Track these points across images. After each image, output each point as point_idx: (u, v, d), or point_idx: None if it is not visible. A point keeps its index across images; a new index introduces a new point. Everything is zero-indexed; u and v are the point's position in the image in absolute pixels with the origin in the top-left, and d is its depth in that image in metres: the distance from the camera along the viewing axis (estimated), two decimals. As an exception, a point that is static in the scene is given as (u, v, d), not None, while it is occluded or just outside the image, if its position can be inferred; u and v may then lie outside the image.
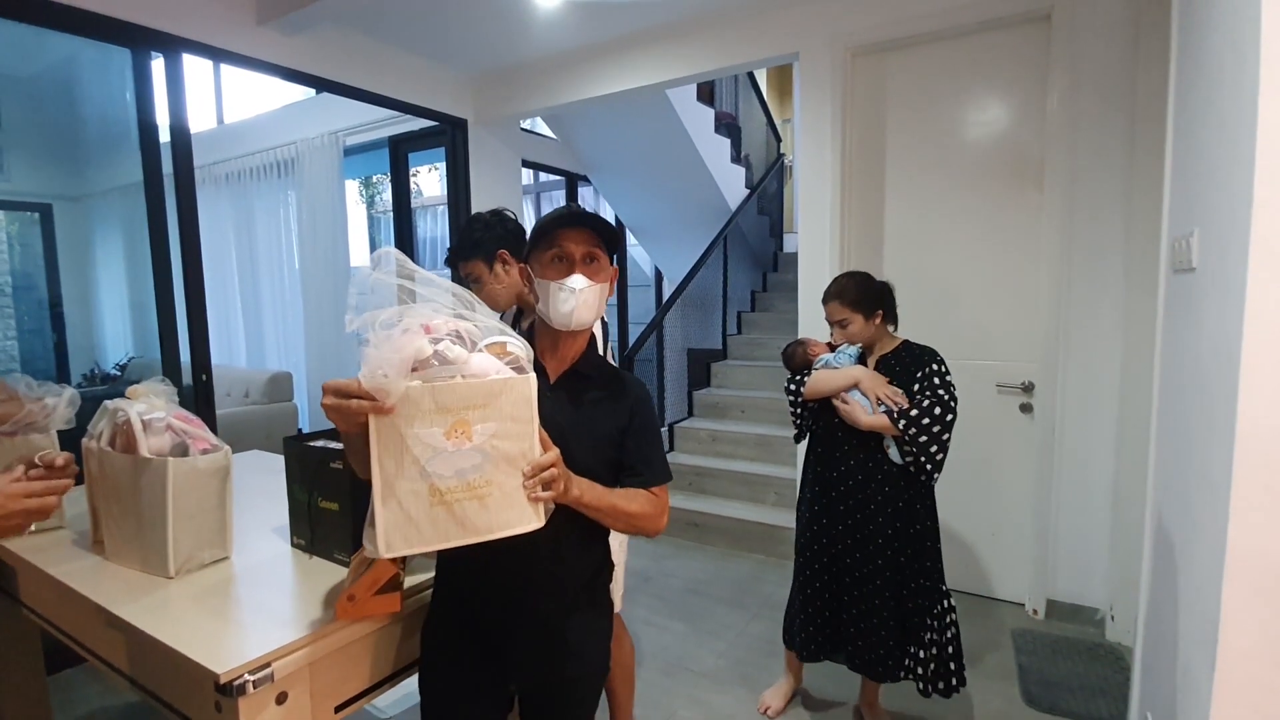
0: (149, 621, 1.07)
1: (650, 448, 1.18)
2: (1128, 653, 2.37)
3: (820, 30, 2.83)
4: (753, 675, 2.31)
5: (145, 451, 1.23)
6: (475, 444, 0.88)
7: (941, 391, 1.77)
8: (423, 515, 0.87)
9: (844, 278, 1.92)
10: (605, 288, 1.16)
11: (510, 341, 0.96)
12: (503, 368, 0.92)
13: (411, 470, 0.86)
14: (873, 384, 1.82)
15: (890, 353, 1.91)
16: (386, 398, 0.83)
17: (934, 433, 1.74)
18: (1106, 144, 2.40)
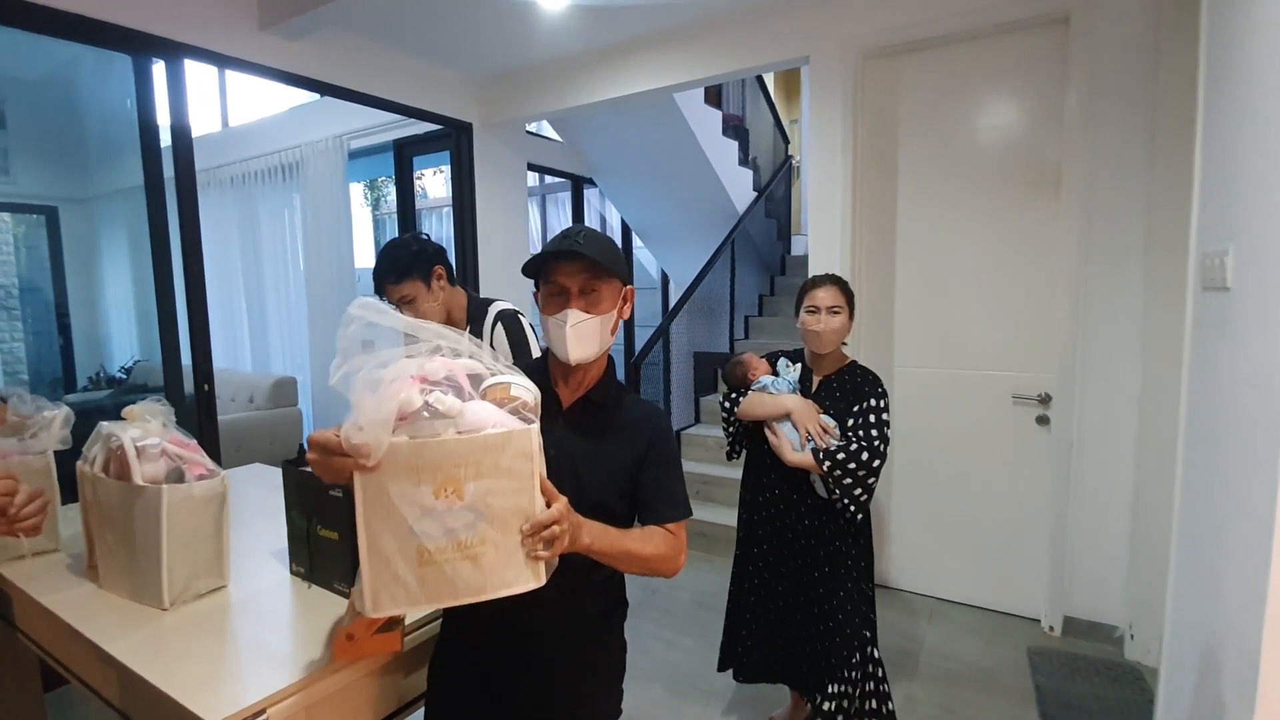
0: (141, 660, 1.03)
1: (670, 481, 1.13)
2: (1148, 673, 2.31)
3: (831, 33, 2.77)
4: (765, 694, 2.26)
5: (139, 479, 1.19)
6: (467, 502, 0.83)
7: (875, 433, 1.70)
8: (410, 575, 0.82)
9: (835, 274, 1.89)
10: (609, 318, 1.09)
11: (515, 384, 0.89)
12: (503, 418, 0.85)
13: (399, 529, 0.81)
14: (804, 416, 1.74)
15: (835, 374, 1.85)
16: (368, 456, 0.78)
17: (858, 476, 1.67)
18: (1126, 149, 2.33)
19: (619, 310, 1.12)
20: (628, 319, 5.43)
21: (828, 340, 1.79)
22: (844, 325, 1.80)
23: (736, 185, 5.08)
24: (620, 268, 1.10)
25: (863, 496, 1.70)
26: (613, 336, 1.13)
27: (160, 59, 2.50)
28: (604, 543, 0.99)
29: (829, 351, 1.82)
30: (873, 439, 1.68)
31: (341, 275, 4.26)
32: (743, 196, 5.18)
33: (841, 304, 1.79)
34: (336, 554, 1.24)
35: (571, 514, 0.92)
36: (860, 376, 1.81)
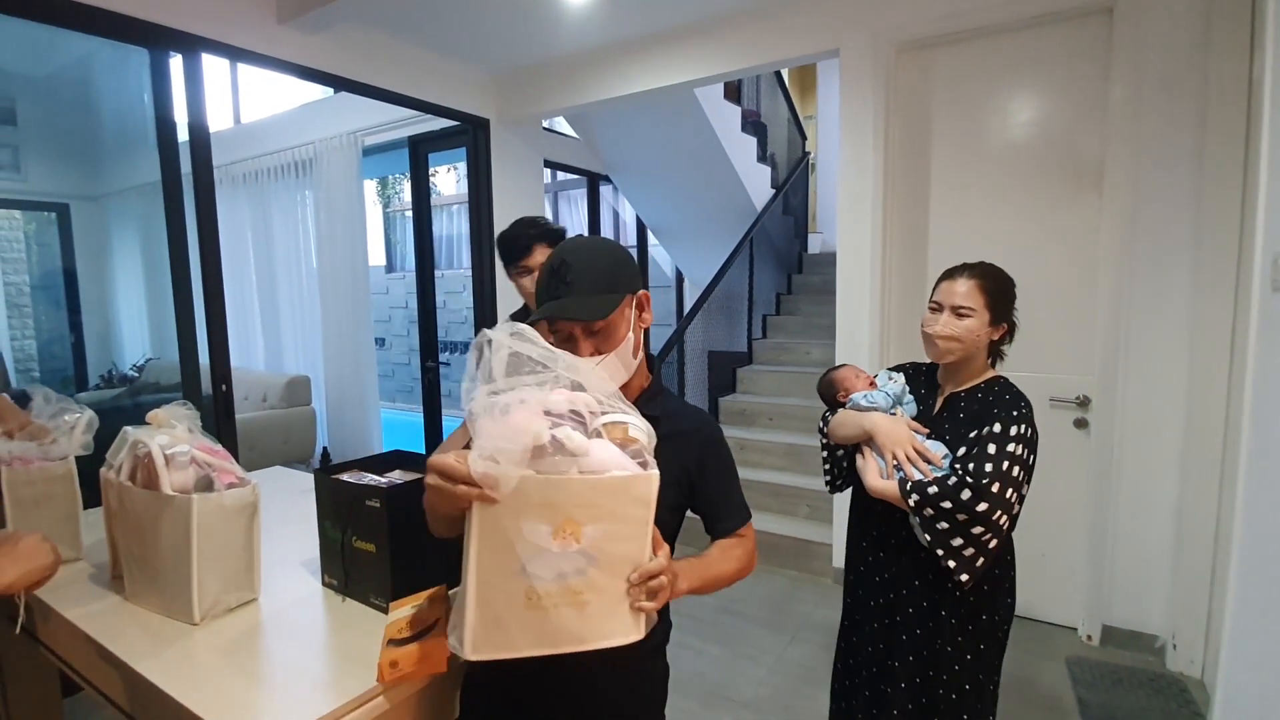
0: (173, 681, 0.97)
1: (731, 489, 1.10)
2: (1192, 684, 2.24)
3: (863, 25, 2.70)
4: (796, 705, 2.20)
5: (168, 488, 1.14)
6: (582, 546, 0.78)
7: (989, 468, 1.25)
8: (514, 619, 0.77)
9: (990, 264, 1.46)
10: (626, 344, 1.00)
11: (633, 425, 0.82)
12: (624, 460, 0.80)
13: (510, 567, 0.76)
14: (890, 438, 1.36)
15: (966, 391, 1.42)
16: (497, 488, 0.73)
17: (958, 522, 1.25)
18: (1173, 142, 2.25)
19: (636, 324, 1.03)
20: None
21: (944, 349, 1.40)
22: (973, 333, 1.37)
23: (755, 182, 5.01)
24: (624, 284, 0.99)
25: (970, 554, 1.26)
26: (639, 351, 1.05)
27: (178, 53, 2.45)
28: (696, 580, 0.97)
29: (952, 362, 1.43)
30: (984, 475, 1.24)
31: (355, 273, 4.21)
32: (761, 193, 5.11)
33: (976, 305, 1.37)
34: (373, 567, 1.18)
35: (674, 561, 0.88)
36: (995, 395, 1.37)
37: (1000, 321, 1.41)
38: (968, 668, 1.38)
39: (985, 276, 1.41)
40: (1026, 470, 1.29)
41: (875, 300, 2.80)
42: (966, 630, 1.38)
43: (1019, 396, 1.37)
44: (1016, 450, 1.28)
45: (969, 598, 1.36)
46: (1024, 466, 1.28)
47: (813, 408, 3.91)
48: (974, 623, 1.38)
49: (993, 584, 1.39)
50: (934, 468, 1.33)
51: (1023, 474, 1.28)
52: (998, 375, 1.45)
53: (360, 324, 4.24)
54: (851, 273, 2.87)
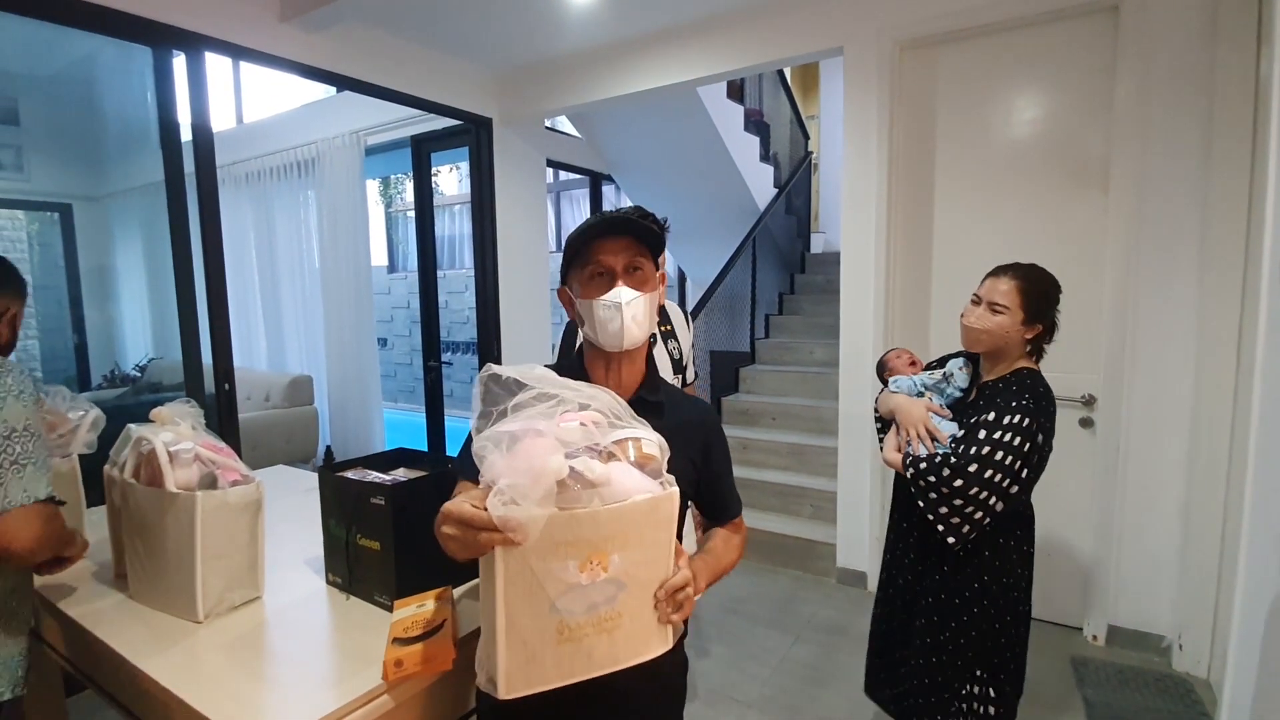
0: (177, 680, 0.97)
1: (730, 480, 1.13)
2: (1199, 685, 2.23)
3: (867, 23, 2.69)
4: (800, 706, 2.19)
5: (172, 486, 1.13)
6: (611, 574, 0.77)
7: (974, 450, 1.39)
8: (548, 653, 0.76)
9: (1038, 267, 1.54)
10: (655, 296, 1.02)
11: (646, 440, 0.80)
12: (644, 481, 0.78)
13: (540, 607, 0.75)
14: (906, 416, 1.54)
15: (995, 380, 1.53)
16: (523, 533, 0.71)
17: (942, 494, 1.41)
18: (1180, 140, 2.24)
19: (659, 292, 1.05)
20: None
21: (973, 338, 1.53)
22: (1002, 328, 1.48)
23: (758, 181, 5.00)
24: (661, 248, 1.03)
25: (956, 522, 1.42)
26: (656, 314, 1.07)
27: (181, 51, 2.45)
28: (711, 578, 1.02)
29: (987, 352, 1.55)
30: (966, 457, 1.39)
31: (357, 273, 4.21)
32: (764, 193, 5.10)
33: (1010, 304, 1.47)
34: (377, 564, 1.18)
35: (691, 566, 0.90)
36: (1014, 385, 1.47)
37: (1035, 321, 1.49)
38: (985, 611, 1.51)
39: (1025, 278, 1.50)
40: (1019, 456, 1.38)
41: (879, 299, 2.80)
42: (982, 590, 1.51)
43: (1030, 389, 1.44)
44: (1005, 437, 1.38)
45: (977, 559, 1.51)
46: (1013, 452, 1.38)
47: (816, 407, 3.90)
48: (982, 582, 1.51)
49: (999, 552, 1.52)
50: (938, 445, 1.48)
51: (1012, 459, 1.38)
52: (1025, 367, 1.52)
53: (363, 324, 4.23)
54: (855, 272, 2.86)
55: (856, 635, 2.64)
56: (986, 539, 1.50)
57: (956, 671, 1.52)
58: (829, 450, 3.34)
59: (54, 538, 1.09)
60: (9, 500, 1.02)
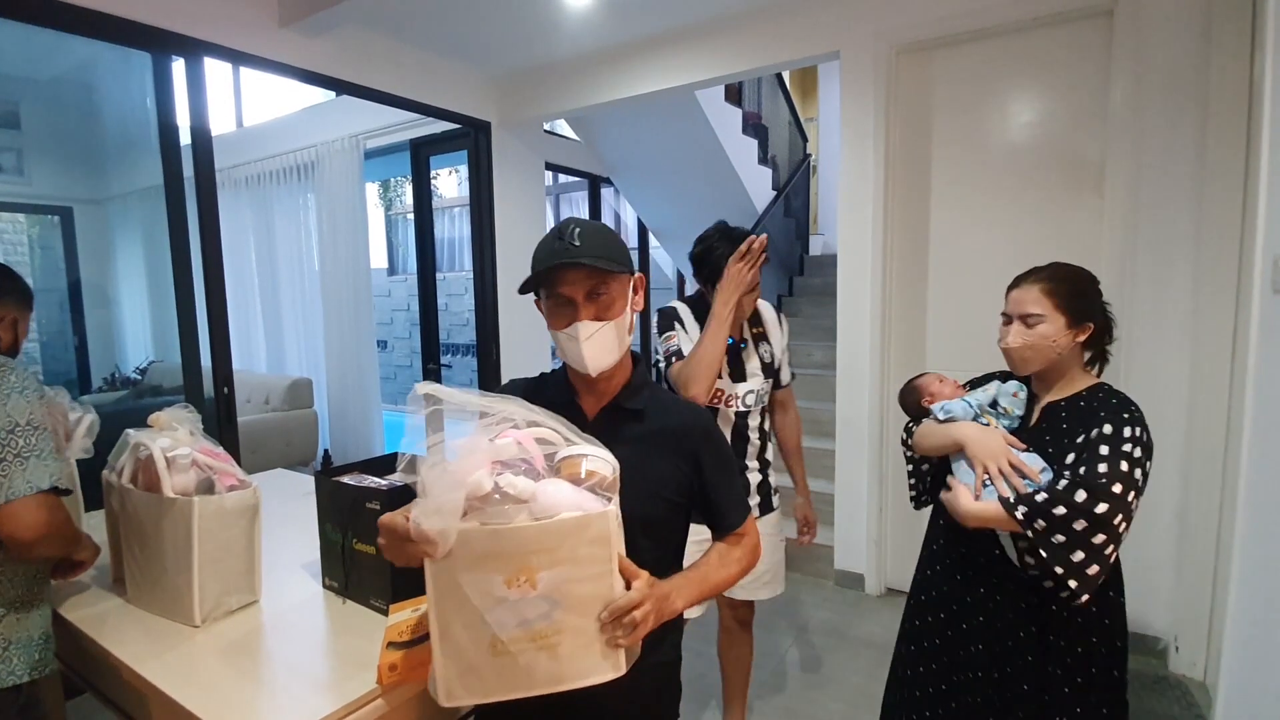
0: (175, 683, 0.98)
1: (729, 487, 1.08)
2: (1195, 687, 2.23)
3: (863, 27, 2.70)
4: (797, 708, 2.20)
5: (169, 491, 1.14)
6: (541, 591, 0.77)
7: (1103, 469, 1.11)
8: (485, 665, 0.77)
9: (1058, 263, 1.33)
10: (623, 320, 1.00)
11: (591, 457, 0.81)
12: (579, 498, 0.78)
13: (471, 619, 0.76)
14: (982, 449, 1.22)
15: (1067, 400, 1.28)
16: (435, 545, 0.74)
17: (1075, 532, 1.10)
18: (1174, 144, 2.25)
19: (631, 305, 1.03)
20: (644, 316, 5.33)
21: (1020, 360, 1.30)
22: (1047, 338, 1.25)
23: (756, 184, 5.01)
24: (625, 259, 1.00)
25: (1090, 567, 1.10)
26: (631, 335, 1.04)
27: (180, 56, 2.46)
28: (695, 596, 0.98)
29: (1042, 371, 1.31)
30: (1098, 476, 1.11)
31: (357, 276, 4.22)
32: (762, 195, 5.12)
33: (1044, 310, 1.25)
34: (373, 569, 1.19)
35: (658, 586, 0.86)
36: (1100, 401, 1.24)
37: (1082, 321, 1.26)
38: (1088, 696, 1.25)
39: (1051, 278, 1.29)
40: (1145, 476, 1.15)
41: (876, 302, 2.81)
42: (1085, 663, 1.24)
43: (1128, 400, 1.25)
44: (1133, 451, 1.14)
45: (1077, 618, 1.22)
46: (1143, 471, 1.14)
47: (815, 410, 3.90)
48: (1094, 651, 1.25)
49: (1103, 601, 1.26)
50: (1029, 483, 1.18)
51: (1142, 479, 1.14)
52: (1100, 382, 1.31)
53: (362, 326, 4.25)
54: (852, 275, 2.87)
55: (853, 637, 2.65)
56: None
57: None
58: (826, 453, 3.35)
59: (57, 528, 1.09)
60: (12, 490, 1.03)
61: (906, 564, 2.86)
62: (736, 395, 1.76)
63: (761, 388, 1.78)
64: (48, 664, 1.16)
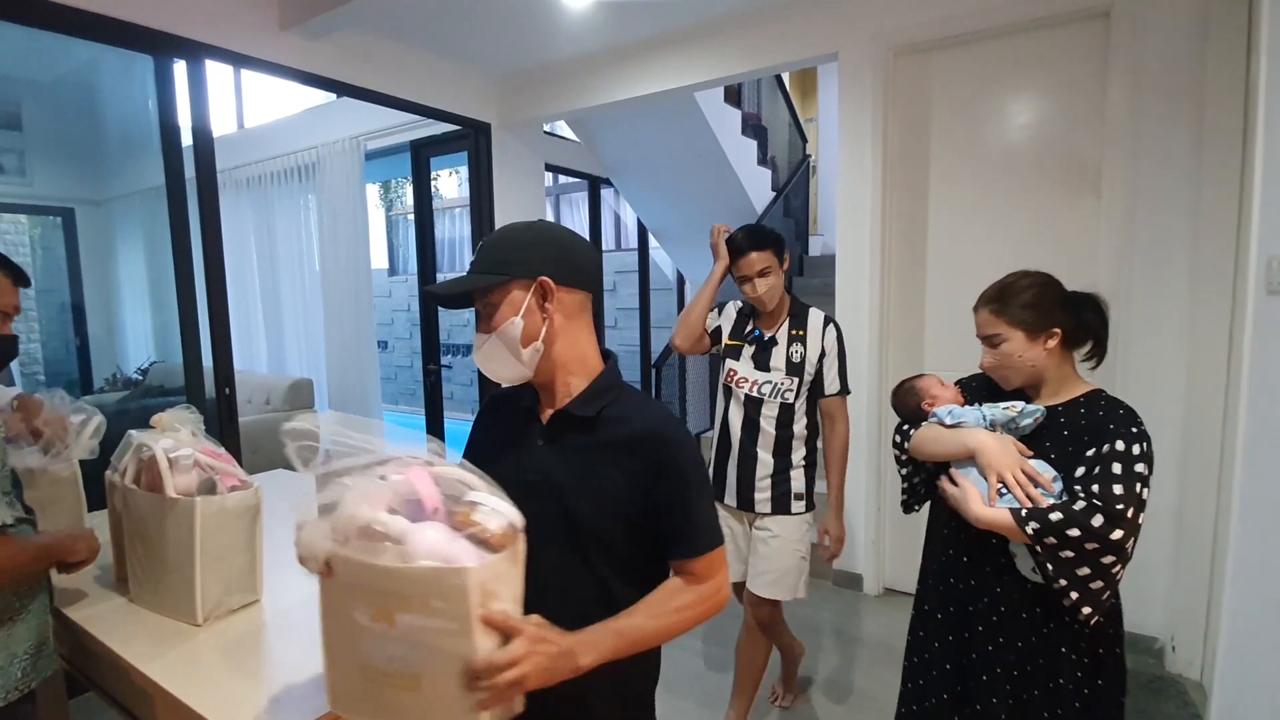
0: (177, 682, 0.99)
1: (686, 508, 0.93)
2: (1192, 686, 2.24)
3: (861, 29, 2.71)
4: (794, 707, 2.21)
5: (171, 491, 1.16)
6: (399, 633, 0.75)
7: (1119, 490, 1.11)
8: (360, 686, 0.78)
9: (1011, 276, 1.36)
10: (510, 327, 0.93)
11: (483, 507, 0.78)
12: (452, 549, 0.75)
13: (348, 639, 0.77)
14: (997, 458, 1.21)
15: (1065, 406, 1.28)
16: (306, 563, 0.77)
17: (1086, 551, 1.11)
18: (1171, 146, 2.26)
19: (531, 311, 0.94)
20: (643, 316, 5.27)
21: (1002, 379, 1.34)
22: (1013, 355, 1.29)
23: (755, 185, 5.03)
24: (518, 265, 0.94)
25: (1099, 587, 1.13)
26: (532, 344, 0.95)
27: (181, 59, 2.48)
28: (612, 650, 0.84)
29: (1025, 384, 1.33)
30: (1115, 499, 1.11)
31: (358, 276, 4.24)
32: (761, 196, 5.13)
33: (1000, 330, 1.29)
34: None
35: (549, 644, 0.77)
36: (1105, 411, 1.23)
37: (1042, 330, 1.27)
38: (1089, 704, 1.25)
39: (995, 298, 1.32)
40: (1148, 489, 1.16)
41: (875, 303, 2.82)
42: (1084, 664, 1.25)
43: (1133, 412, 1.23)
44: (1143, 471, 1.15)
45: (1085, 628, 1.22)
46: (1148, 486, 1.15)
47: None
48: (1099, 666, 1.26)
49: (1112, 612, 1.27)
50: (1044, 492, 1.18)
51: (1147, 494, 1.15)
52: (1098, 389, 1.30)
53: (363, 327, 4.26)
54: (851, 275, 2.88)
55: (851, 637, 2.66)
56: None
57: None
58: (826, 453, 3.36)
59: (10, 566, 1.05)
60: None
61: (904, 564, 2.88)
62: (753, 381, 1.93)
63: (784, 383, 1.91)
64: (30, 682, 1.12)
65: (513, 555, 0.78)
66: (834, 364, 1.94)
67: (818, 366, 1.94)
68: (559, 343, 0.96)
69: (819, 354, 1.94)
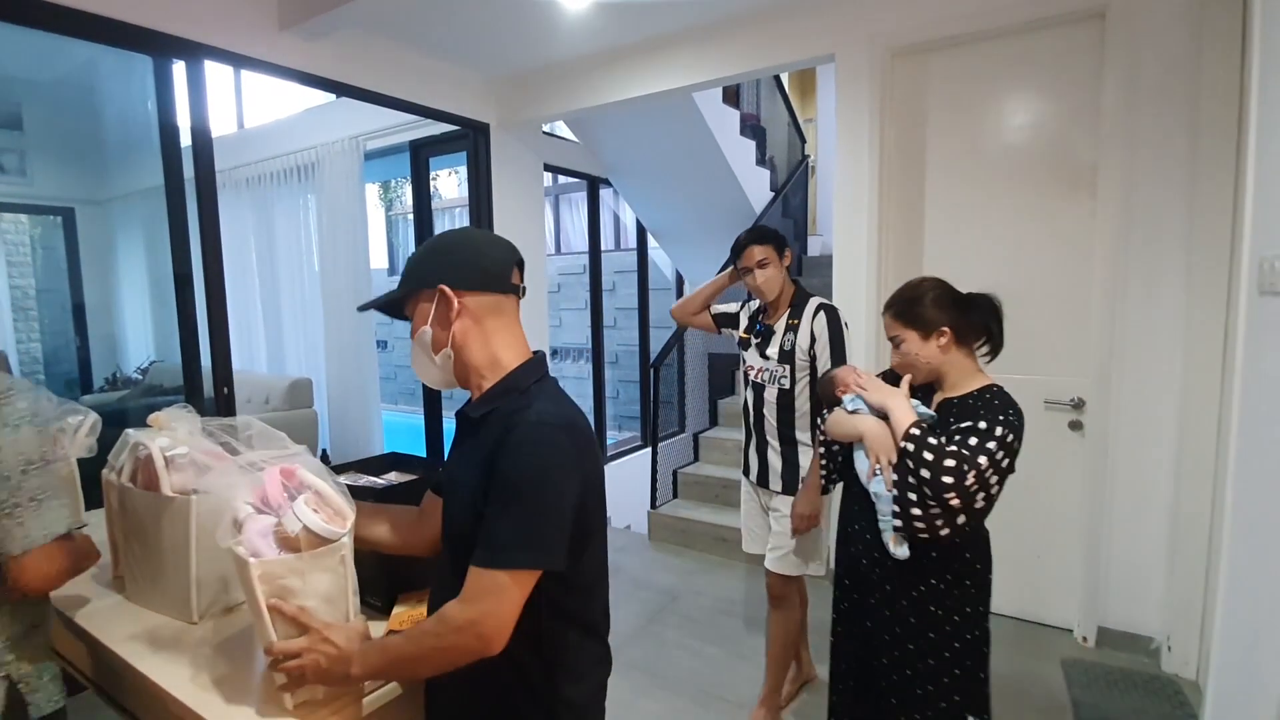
0: (173, 680, 1.00)
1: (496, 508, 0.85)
2: (1187, 686, 2.25)
3: (858, 31, 2.72)
4: (794, 706, 2.21)
5: (168, 490, 1.16)
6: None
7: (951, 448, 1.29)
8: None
9: (910, 282, 1.51)
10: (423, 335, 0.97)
11: (291, 509, 0.90)
12: (259, 543, 0.89)
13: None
14: (879, 442, 1.39)
15: (961, 396, 1.43)
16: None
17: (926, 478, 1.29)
18: (1166, 146, 2.27)
19: (436, 318, 0.96)
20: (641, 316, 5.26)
21: (914, 377, 1.47)
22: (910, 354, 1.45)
23: (754, 185, 5.03)
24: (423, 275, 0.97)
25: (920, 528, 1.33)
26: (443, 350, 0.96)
27: (180, 59, 2.48)
28: (378, 667, 0.89)
29: (929, 380, 1.49)
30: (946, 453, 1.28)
31: (357, 276, 4.24)
32: (760, 196, 5.13)
33: (898, 332, 1.46)
34: (367, 567, 1.20)
35: (336, 645, 0.87)
36: (984, 402, 1.39)
37: (932, 329, 1.42)
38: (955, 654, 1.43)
39: (893, 303, 1.49)
40: (996, 470, 1.30)
41: (871, 302, 2.82)
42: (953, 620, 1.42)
43: (1010, 404, 1.38)
44: (991, 446, 1.29)
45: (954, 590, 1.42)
46: (994, 466, 1.29)
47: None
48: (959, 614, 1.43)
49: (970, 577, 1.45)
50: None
51: (991, 472, 1.28)
52: (991, 383, 1.43)
53: (362, 326, 4.27)
54: (848, 275, 2.89)
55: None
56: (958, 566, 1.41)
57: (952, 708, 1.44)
58: (823, 453, 3.37)
59: (72, 569, 1.09)
60: (29, 539, 1.00)
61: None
62: (757, 369, 2.11)
63: (777, 370, 2.05)
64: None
65: (313, 557, 0.88)
66: (825, 348, 2.00)
67: (810, 353, 2.01)
68: (470, 347, 0.97)
69: (810, 340, 2.01)
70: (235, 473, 0.96)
